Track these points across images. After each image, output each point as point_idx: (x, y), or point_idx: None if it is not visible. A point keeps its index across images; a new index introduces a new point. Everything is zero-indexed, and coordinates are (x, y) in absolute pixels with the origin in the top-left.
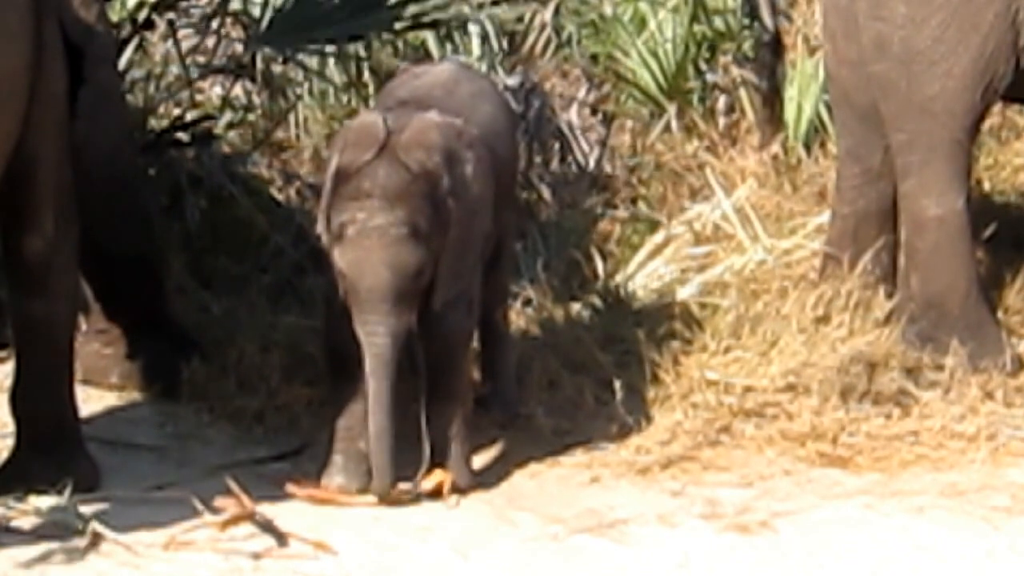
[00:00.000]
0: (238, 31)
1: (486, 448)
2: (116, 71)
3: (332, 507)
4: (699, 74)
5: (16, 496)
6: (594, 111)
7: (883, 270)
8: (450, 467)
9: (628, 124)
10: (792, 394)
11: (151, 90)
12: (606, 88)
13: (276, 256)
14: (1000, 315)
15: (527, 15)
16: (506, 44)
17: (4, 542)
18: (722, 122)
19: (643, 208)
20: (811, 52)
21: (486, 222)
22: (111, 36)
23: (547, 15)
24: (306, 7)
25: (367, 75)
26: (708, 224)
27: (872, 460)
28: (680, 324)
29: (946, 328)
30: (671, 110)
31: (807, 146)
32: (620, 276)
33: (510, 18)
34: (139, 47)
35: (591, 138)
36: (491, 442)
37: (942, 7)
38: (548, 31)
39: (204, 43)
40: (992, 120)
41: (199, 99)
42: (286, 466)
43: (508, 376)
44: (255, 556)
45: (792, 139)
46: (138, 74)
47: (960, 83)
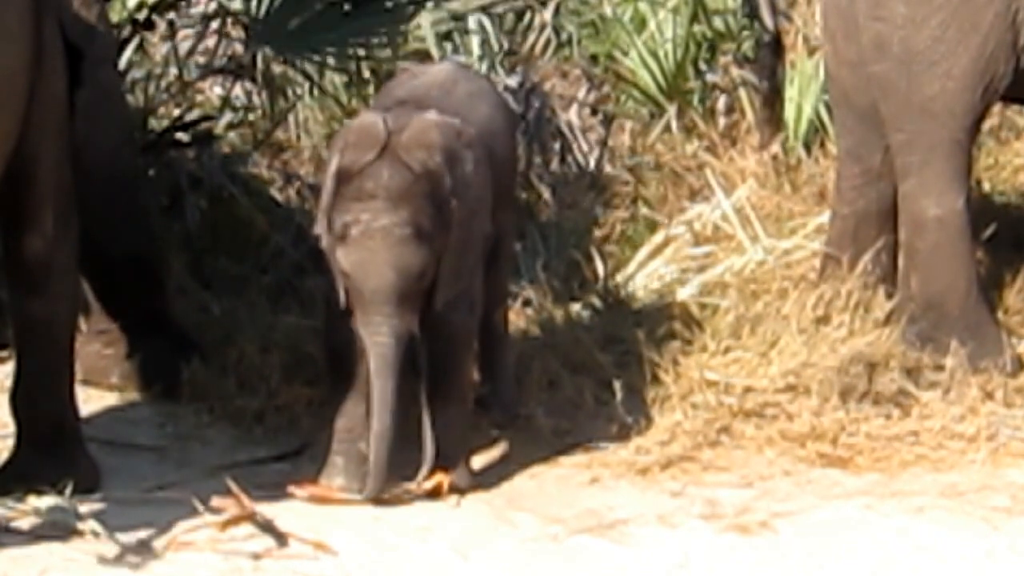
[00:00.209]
0: (238, 31)
1: (486, 448)
2: (116, 71)
3: (332, 507)
4: (699, 74)
5: (16, 496)
6: (594, 111)
7: (883, 270)
8: (450, 467)
9: (628, 124)
10: (792, 394)
11: (151, 90)
12: (606, 88)
13: (276, 256)
14: (1000, 315)
15: (527, 15)
16: (506, 44)
17: (4, 542)
18: (722, 122)
19: (643, 208)
20: (811, 52)
21: (486, 222)
22: (111, 36)
23: (547, 15)
24: (305, 9)
25: (367, 75)
26: (708, 224)
27: (872, 460)
28: (680, 324)
29: (946, 328)
30: (671, 110)
31: (807, 146)
32: (620, 276)
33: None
34: (139, 47)
35: (591, 138)
36: (491, 442)
37: (942, 7)
38: (548, 31)
39: (204, 43)
40: (992, 120)
41: (199, 99)
42: (286, 466)
43: (507, 377)
44: (255, 556)
45: (792, 139)
46: (138, 74)
47: (960, 83)
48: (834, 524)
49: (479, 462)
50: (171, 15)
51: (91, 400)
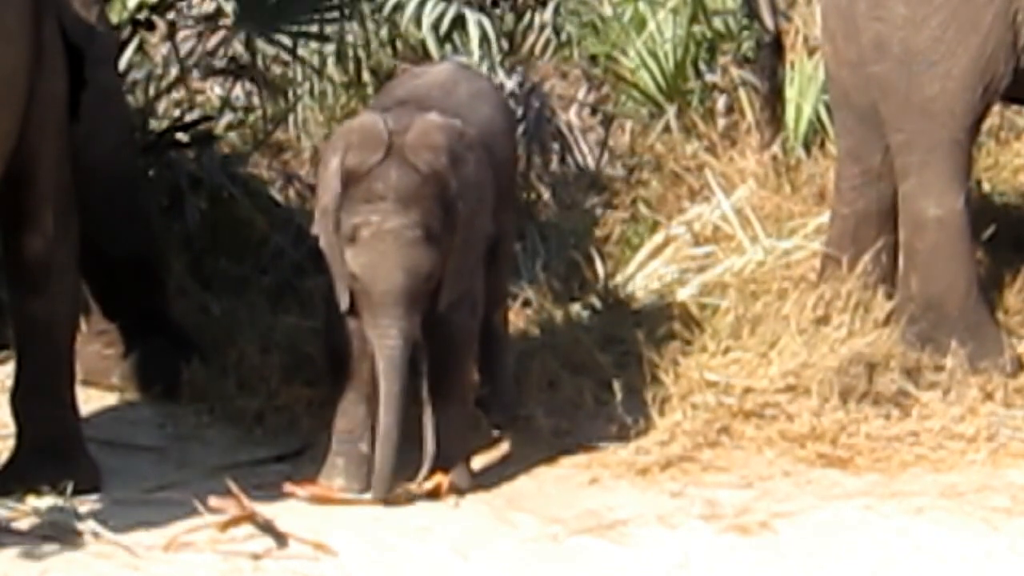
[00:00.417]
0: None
1: (486, 449)
2: (116, 71)
3: (332, 507)
4: (699, 75)
5: (16, 497)
6: (594, 111)
7: (883, 271)
8: (450, 468)
9: (628, 125)
10: (792, 395)
11: (151, 90)
12: (606, 89)
13: (276, 257)
14: (1000, 315)
15: (527, 15)
16: (506, 44)
17: (4, 542)
18: (722, 123)
19: (643, 208)
20: (811, 53)
21: (488, 223)
22: (111, 36)
23: (547, 15)
24: None
25: (367, 75)
26: (708, 225)
27: (872, 461)
28: (680, 325)
29: (946, 329)
30: (671, 111)
31: (807, 147)
32: (620, 276)
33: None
34: (139, 47)
35: (591, 139)
36: (491, 442)
37: (941, 8)
38: (548, 31)
39: (204, 43)
40: (992, 120)
41: (199, 99)
42: (286, 467)
43: (507, 377)
44: (255, 557)
45: (792, 140)
46: (138, 74)
47: (960, 83)
48: (834, 524)
49: (479, 462)
50: (171, 15)
51: (91, 400)
